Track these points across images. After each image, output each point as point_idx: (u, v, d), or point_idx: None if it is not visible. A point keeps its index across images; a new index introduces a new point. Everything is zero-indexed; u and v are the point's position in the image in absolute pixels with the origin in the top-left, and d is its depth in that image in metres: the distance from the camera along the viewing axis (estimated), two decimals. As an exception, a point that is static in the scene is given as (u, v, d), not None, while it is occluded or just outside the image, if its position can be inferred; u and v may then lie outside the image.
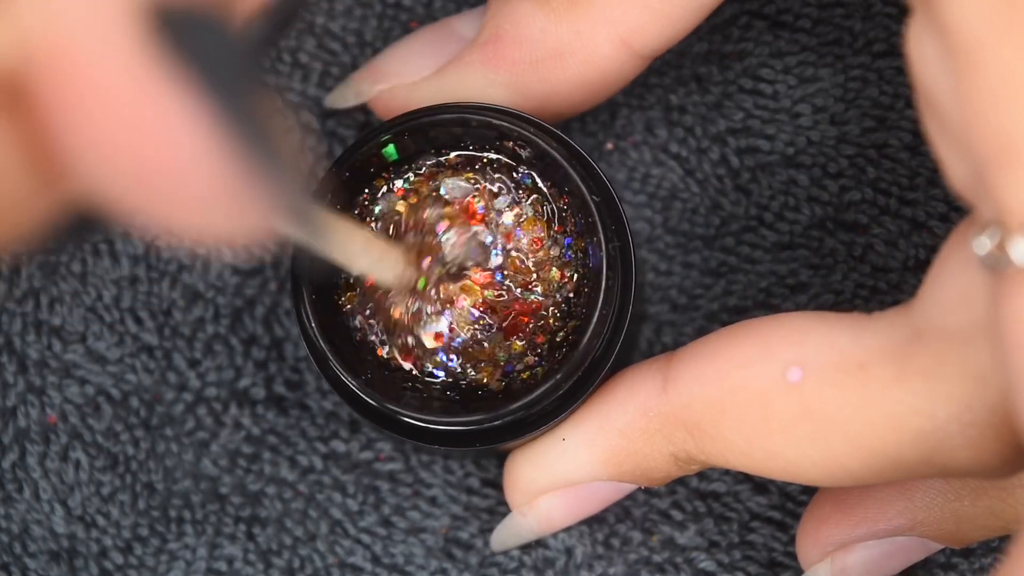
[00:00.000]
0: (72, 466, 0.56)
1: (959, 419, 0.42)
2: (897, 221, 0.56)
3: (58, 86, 0.29)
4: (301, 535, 0.56)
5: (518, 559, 0.56)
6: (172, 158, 0.30)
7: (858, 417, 0.43)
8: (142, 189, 0.30)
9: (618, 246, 0.48)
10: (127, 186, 0.30)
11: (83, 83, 0.29)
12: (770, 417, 0.45)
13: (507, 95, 0.51)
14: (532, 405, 0.48)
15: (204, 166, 0.30)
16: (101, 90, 0.29)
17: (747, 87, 0.57)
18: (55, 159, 0.31)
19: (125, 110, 0.29)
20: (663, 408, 0.48)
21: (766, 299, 0.57)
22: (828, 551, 0.52)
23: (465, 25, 0.53)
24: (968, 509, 0.50)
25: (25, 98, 0.30)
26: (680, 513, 0.56)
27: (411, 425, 0.48)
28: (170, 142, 0.30)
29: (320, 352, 0.48)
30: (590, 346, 0.47)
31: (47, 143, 0.30)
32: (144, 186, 0.30)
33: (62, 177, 0.31)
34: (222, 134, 0.30)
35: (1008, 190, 0.37)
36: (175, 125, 0.30)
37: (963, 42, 0.37)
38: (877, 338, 0.43)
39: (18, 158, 0.30)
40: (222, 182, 0.31)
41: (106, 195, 0.31)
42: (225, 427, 0.57)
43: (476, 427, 0.48)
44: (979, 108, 0.37)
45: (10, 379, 0.57)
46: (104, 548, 0.56)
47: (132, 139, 0.30)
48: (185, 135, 0.30)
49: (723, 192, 0.57)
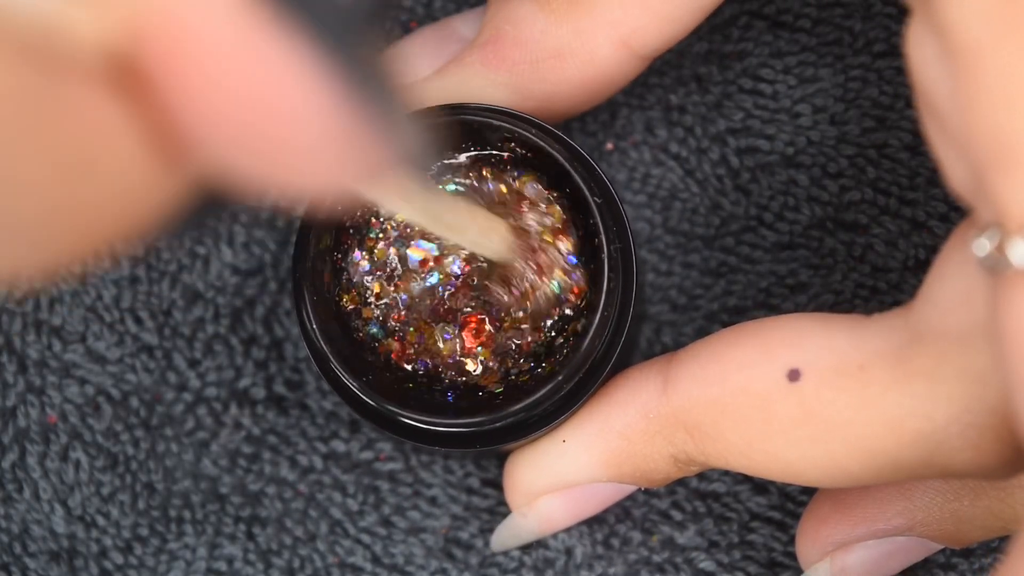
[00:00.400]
0: (72, 466, 0.56)
1: (959, 420, 0.42)
2: (897, 221, 0.56)
3: (171, 59, 0.28)
4: (301, 535, 0.56)
5: (518, 559, 0.56)
6: (291, 117, 0.29)
7: (858, 419, 0.43)
8: (264, 153, 0.30)
9: (619, 247, 0.48)
10: (250, 152, 0.30)
11: (197, 52, 0.28)
12: (770, 419, 0.45)
13: (507, 95, 0.51)
14: (533, 406, 0.48)
15: (325, 121, 0.29)
16: (215, 57, 0.28)
17: (747, 87, 0.57)
18: (175, 140, 0.30)
19: (243, 74, 0.29)
20: (663, 409, 0.48)
21: (766, 299, 0.57)
22: (828, 551, 0.52)
23: (465, 25, 0.53)
24: (967, 509, 0.50)
25: (139, 79, 0.29)
26: (680, 513, 0.56)
27: (412, 426, 0.48)
28: (289, 100, 0.29)
29: (321, 353, 0.48)
30: (592, 347, 0.47)
31: (166, 124, 0.30)
32: (266, 149, 0.30)
33: (184, 158, 0.30)
34: (341, 86, 0.29)
35: (1007, 192, 0.37)
36: (293, 83, 0.29)
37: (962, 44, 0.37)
38: (877, 340, 0.43)
39: (140, 144, 0.30)
40: (345, 136, 0.30)
41: (229, 167, 0.30)
42: (225, 427, 0.57)
43: (477, 428, 0.48)
44: (978, 110, 0.37)
45: (10, 379, 0.56)
46: (104, 548, 0.56)
47: (251, 103, 0.29)
48: (304, 91, 0.29)
49: (723, 192, 0.57)
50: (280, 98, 0.29)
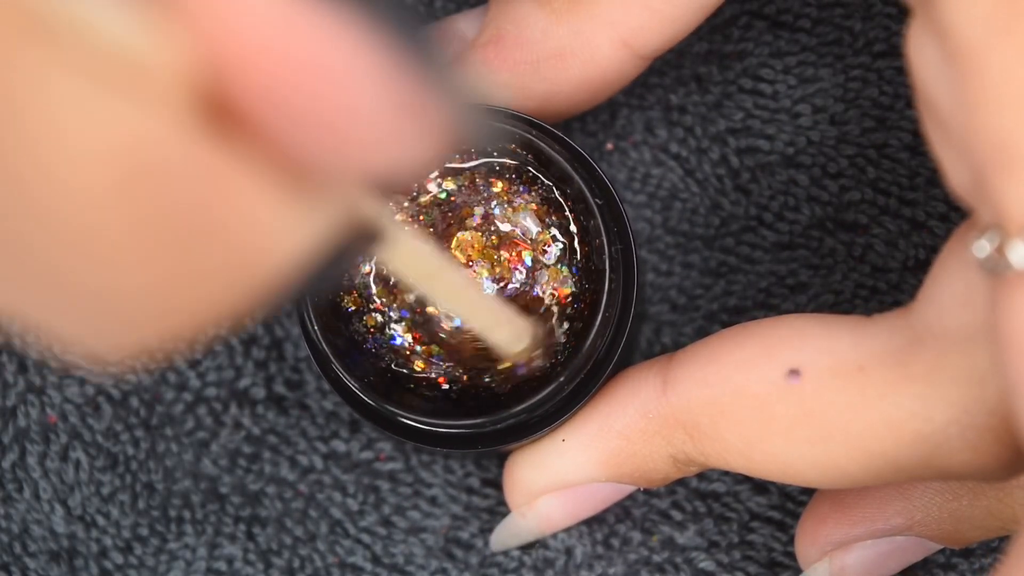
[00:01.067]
0: (72, 466, 0.56)
1: (958, 422, 0.42)
2: (897, 221, 0.56)
3: (256, 77, 0.27)
4: (301, 535, 0.56)
5: (518, 559, 0.56)
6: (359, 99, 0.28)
7: (857, 420, 0.43)
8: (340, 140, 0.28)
9: (620, 248, 0.48)
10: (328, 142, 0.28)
11: (277, 64, 0.27)
12: (769, 419, 0.45)
13: (508, 95, 0.51)
14: (535, 408, 0.48)
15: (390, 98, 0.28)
16: (295, 66, 0.27)
17: (747, 87, 0.57)
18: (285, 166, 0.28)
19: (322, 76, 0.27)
20: (663, 410, 0.48)
21: (766, 299, 0.57)
22: (827, 550, 0.52)
23: (466, 25, 0.53)
24: (966, 509, 0.50)
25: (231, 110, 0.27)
26: (680, 513, 0.56)
27: (412, 427, 0.48)
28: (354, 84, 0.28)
29: (322, 353, 0.48)
30: (593, 348, 0.48)
31: (266, 150, 0.28)
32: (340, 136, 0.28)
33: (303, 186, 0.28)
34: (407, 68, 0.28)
35: (1007, 194, 0.37)
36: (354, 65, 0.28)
37: (963, 46, 0.37)
38: (877, 341, 0.43)
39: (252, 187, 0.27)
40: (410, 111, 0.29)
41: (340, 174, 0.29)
42: (225, 427, 0.57)
43: (478, 429, 0.48)
44: (978, 112, 0.37)
45: (10, 379, 0.56)
46: (104, 548, 0.56)
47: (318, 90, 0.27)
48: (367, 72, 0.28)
49: (723, 192, 0.57)
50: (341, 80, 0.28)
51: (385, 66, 0.28)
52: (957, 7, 0.37)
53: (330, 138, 0.28)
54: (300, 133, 0.27)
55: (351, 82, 0.28)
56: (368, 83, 0.28)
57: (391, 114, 0.28)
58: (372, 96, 0.28)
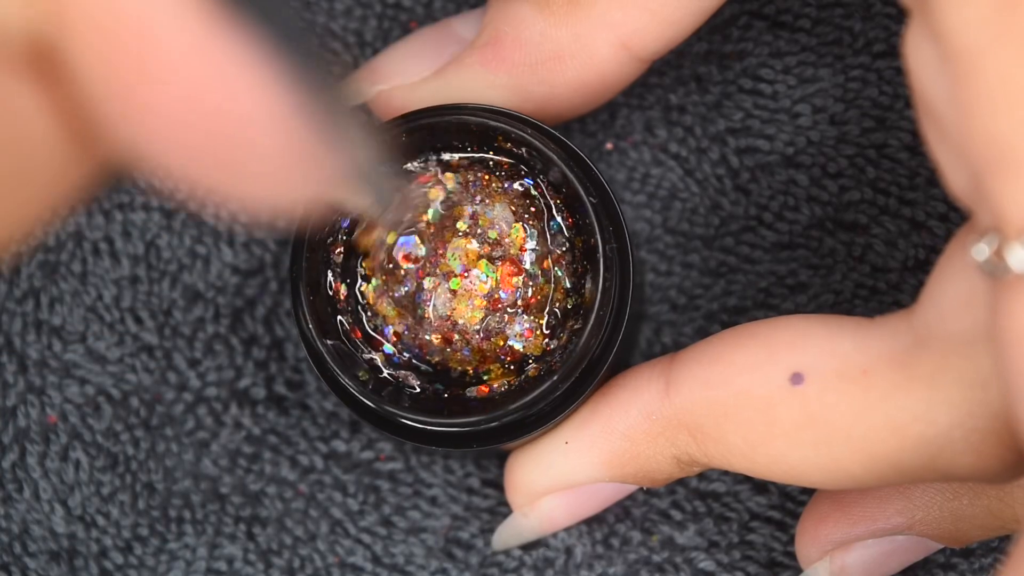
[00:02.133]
0: (72, 466, 0.56)
1: (961, 425, 0.42)
2: (897, 221, 0.56)
3: (98, 45, 0.27)
4: (301, 535, 0.56)
5: (518, 559, 0.56)
6: (235, 120, 0.28)
7: (861, 423, 0.43)
8: (197, 156, 0.28)
9: (615, 247, 0.48)
10: (183, 153, 0.28)
11: (129, 41, 0.27)
12: (773, 422, 0.45)
13: (506, 97, 0.51)
14: (530, 406, 0.48)
15: (267, 128, 0.28)
16: (150, 48, 0.27)
17: (747, 87, 0.57)
18: (92, 125, 0.29)
19: (179, 68, 0.27)
20: (666, 411, 0.48)
21: (766, 299, 0.57)
22: (827, 550, 0.52)
23: (465, 26, 0.53)
24: (966, 509, 0.50)
25: (54, 62, 0.28)
26: (680, 513, 0.56)
27: (409, 426, 0.48)
28: (231, 104, 0.28)
29: (318, 353, 0.48)
30: (588, 347, 0.47)
31: (83, 108, 0.28)
32: (201, 153, 0.28)
33: (100, 143, 0.29)
34: (290, 91, 0.28)
35: (1005, 198, 0.37)
36: (237, 83, 0.28)
37: (960, 49, 0.37)
38: (880, 344, 0.43)
39: (52, 127, 0.29)
40: (287, 145, 0.28)
41: (153, 162, 0.29)
42: (225, 427, 0.57)
43: (474, 428, 0.48)
44: (976, 115, 0.37)
45: (10, 379, 0.57)
46: (104, 548, 0.56)
47: (187, 102, 0.28)
48: (248, 94, 0.28)
49: (723, 192, 0.57)
50: (230, 105, 0.28)
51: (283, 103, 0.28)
52: (953, 11, 0.37)
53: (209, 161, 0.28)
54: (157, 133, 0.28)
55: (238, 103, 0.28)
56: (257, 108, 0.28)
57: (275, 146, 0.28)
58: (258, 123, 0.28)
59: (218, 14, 0.27)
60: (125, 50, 0.27)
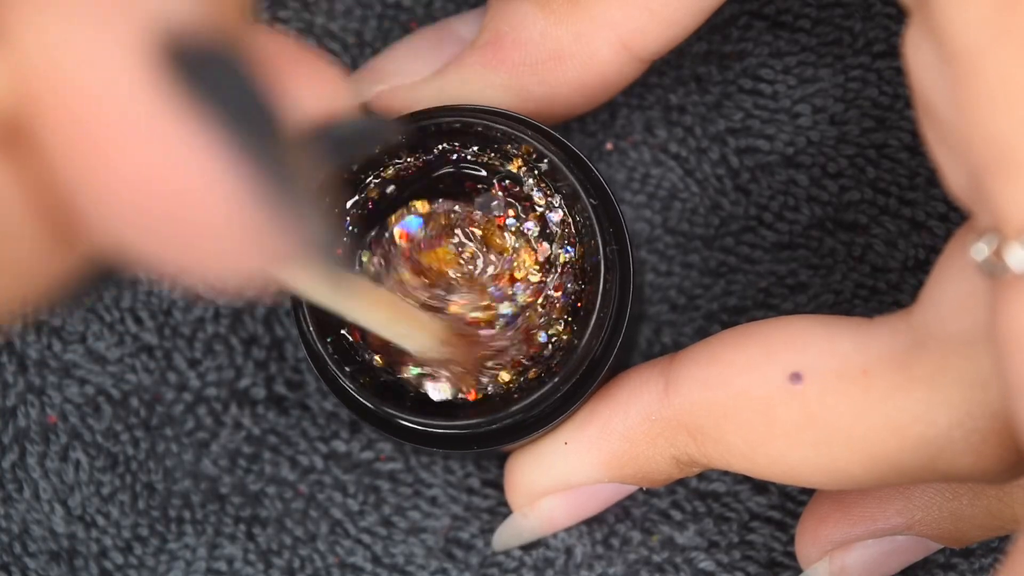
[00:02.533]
0: (72, 466, 0.56)
1: (961, 426, 0.42)
2: (897, 221, 0.56)
3: (64, 125, 0.28)
4: (301, 535, 0.56)
5: (518, 559, 0.56)
6: (189, 199, 0.28)
7: (860, 423, 0.43)
8: (157, 233, 0.29)
9: (616, 249, 0.48)
10: (142, 230, 0.29)
11: (90, 121, 0.27)
12: (772, 422, 0.45)
13: (506, 97, 0.51)
14: (531, 408, 0.48)
15: (222, 207, 0.29)
16: (110, 128, 0.28)
17: (747, 87, 0.57)
18: (65, 210, 0.29)
19: (136, 148, 0.28)
20: (665, 412, 0.48)
21: (766, 299, 0.57)
22: (827, 550, 0.52)
23: (465, 26, 0.53)
24: (966, 509, 0.50)
25: (27, 143, 0.28)
26: (680, 513, 0.56)
27: (409, 427, 0.48)
28: (187, 183, 0.28)
29: (317, 354, 0.48)
30: (588, 349, 0.47)
31: (55, 192, 0.29)
32: (160, 230, 0.29)
33: (74, 230, 0.29)
34: (242, 173, 0.28)
35: (1005, 198, 0.37)
36: (192, 164, 0.28)
37: (959, 49, 0.37)
38: (879, 344, 0.43)
39: (26, 211, 0.29)
40: (242, 224, 0.29)
41: (119, 242, 0.29)
42: (225, 427, 0.57)
43: (474, 430, 0.48)
44: (976, 115, 0.37)
45: (10, 379, 0.57)
46: (104, 548, 0.56)
47: (145, 180, 0.28)
48: (202, 174, 0.28)
49: (723, 192, 0.57)
50: (180, 178, 0.28)
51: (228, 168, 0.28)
52: (953, 10, 0.37)
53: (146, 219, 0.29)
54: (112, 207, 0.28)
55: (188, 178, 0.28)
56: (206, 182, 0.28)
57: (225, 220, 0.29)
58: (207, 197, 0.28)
59: (172, 91, 0.28)
60: (82, 125, 0.28)
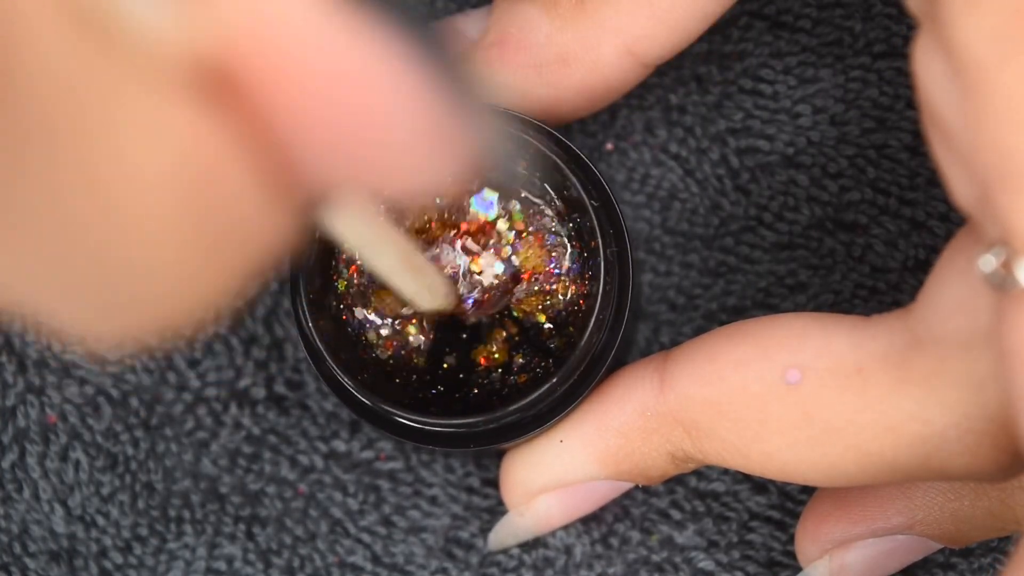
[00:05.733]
0: (72, 466, 0.56)
1: (957, 426, 0.42)
2: (897, 221, 0.57)
3: (264, 68, 0.27)
4: (301, 534, 0.56)
5: (518, 558, 0.56)
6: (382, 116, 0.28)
7: (856, 421, 0.43)
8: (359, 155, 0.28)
9: (616, 250, 0.48)
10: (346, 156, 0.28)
11: (287, 57, 0.27)
12: (767, 419, 0.45)
13: (509, 98, 0.51)
14: (529, 407, 0.48)
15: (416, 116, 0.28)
16: (308, 61, 0.27)
17: (747, 87, 0.57)
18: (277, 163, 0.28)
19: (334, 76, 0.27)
20: (660, 408, 0.48)
21: (765, 299, 0.57)
22: (827, 548, 0.52)
23: (469, 26, 0.53)
24: (967, 510, 0.51)
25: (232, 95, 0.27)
26: (679, 512, 0.56)
27: (407, 425, 0.48)
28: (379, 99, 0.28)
29: (316, 351, 0.48)
30: (587, 348, 0.48)
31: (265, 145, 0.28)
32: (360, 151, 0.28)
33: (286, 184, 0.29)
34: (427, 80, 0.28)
35: (1014, 212, 0.36)
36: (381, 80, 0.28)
37: (970, 62, 0.37)
38: (876, 343, 0.43)
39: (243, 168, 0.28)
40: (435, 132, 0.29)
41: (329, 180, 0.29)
42: (225, 427, 0.57)
43: (473, 428, 0.48)
44: (985, 128, 0.37)
45: (10, 379, 0.56)
46: (104, 548, 0.56)
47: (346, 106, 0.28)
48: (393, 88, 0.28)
49: (723, 192, 0.57)
50: (370, 97, 0.28)
51: (416, 83, 0.28)
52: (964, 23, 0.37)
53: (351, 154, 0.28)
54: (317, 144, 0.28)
55: (382, 98, 0.28)
56: (399, 100, 0.28)
57: (419, 134, 0.28)
58: (402, 114, 0.28)
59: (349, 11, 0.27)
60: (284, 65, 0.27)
